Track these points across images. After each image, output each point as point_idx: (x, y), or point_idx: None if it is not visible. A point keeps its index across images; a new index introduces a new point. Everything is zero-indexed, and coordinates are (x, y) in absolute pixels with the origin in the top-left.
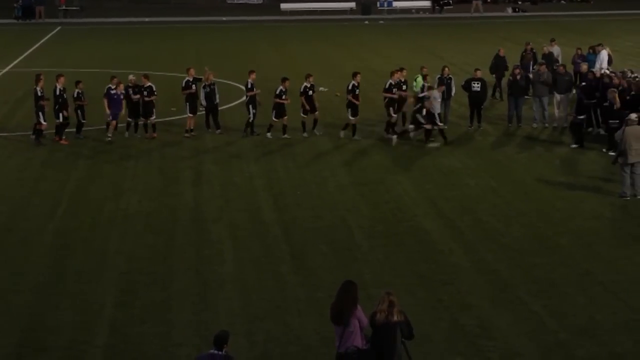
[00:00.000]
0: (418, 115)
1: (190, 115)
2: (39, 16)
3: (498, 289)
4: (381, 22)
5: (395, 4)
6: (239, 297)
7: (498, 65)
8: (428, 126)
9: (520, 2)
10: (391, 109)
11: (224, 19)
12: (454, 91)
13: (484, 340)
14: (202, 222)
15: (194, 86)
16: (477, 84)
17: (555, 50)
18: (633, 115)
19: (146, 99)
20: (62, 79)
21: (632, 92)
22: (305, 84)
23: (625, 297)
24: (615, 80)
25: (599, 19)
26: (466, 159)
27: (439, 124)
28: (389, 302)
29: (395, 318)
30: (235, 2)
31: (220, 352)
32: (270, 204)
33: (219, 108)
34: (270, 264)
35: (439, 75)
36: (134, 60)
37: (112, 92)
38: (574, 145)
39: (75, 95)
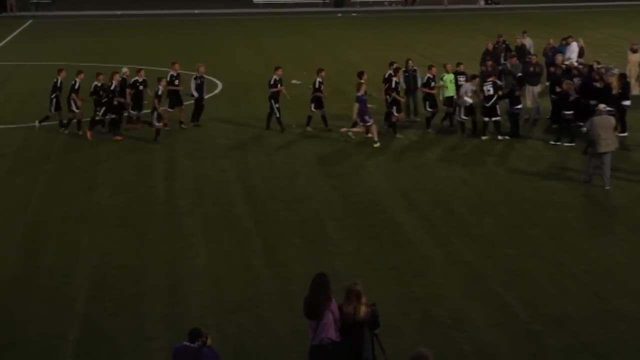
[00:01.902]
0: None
1: (170, 109)
2: (10, 9)
3: (470, 281)
4: (354, 14)
5: None
6: (212, 290)
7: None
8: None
9: None
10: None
11: (196, 11)
12: (420, 83)
13: (456, 332)
14: (175, 216)
15: (177, 81)
16: (463, 77)
17: (528, 42)
18: (602, 106)
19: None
20: (81, 75)
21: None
22: (318, 78)
23: (596, 288)
24: (575, 72)
25: (571, 11)
26: (438, 151)
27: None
28: (356, 297)
29: (362, 316)
30: None
31: (192, 345)
32: (242, 197)
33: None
34: (242, 257)
35: (403, 68)
36: (106, 54)
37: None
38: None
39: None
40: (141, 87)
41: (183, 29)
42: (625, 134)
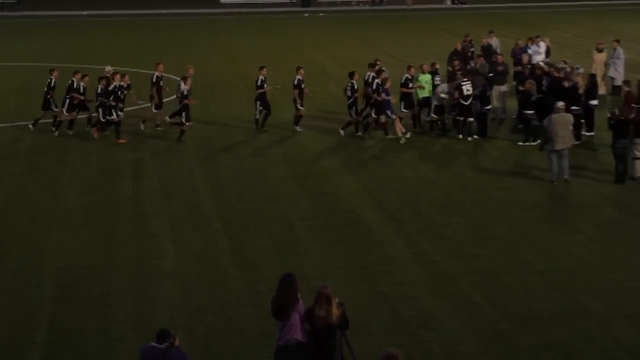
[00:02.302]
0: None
1: (157, 111)
2: None
3: (438, 280)
4: (321, 14)
5: None
6: (180, 291)
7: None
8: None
9: None
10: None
11: (164, 12)
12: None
13: (424, 331)
14: (142, 216)
15: (161, 82)
16: (439, 77)
17: (494, 42)
18: (560, 104)
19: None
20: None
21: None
22: (298, 77)
23: (563, 287)
24: (539, 72)
25: (538, 11)
26: (406, 151)
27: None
28: (326, 301)
29: (334, 320)
30: None
31: (160, 346)
32: (210, 198)
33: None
34: (210, 258)
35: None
36: (74, 54)
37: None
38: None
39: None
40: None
41: (150, 29)
42: (592, 134)
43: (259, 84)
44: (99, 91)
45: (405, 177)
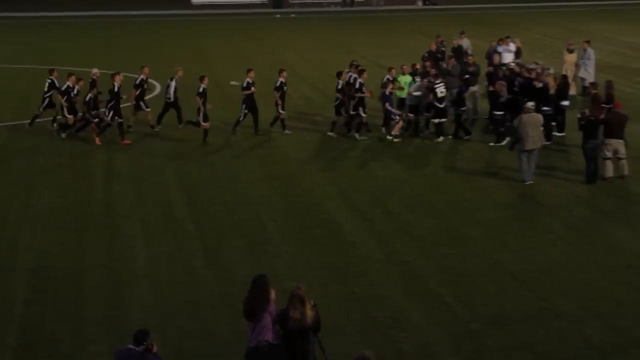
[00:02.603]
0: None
1: (148, 109)
2: None
3: (410, 280)
4: (292, 15)
5: None
6: (152, 292)
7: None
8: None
9: None
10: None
11: (134, 12)
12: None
13: (397, 331)
14: (114, 218)
15: (145, 85)
16: (419, 78)
17: (465, 43)
18: (529, 104)
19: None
20: (118, 77)
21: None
22: (280, 79)
23: (534, 287)
24: (507, 72)
25: (509, 12)
26: (378, 151)
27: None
28: (300, 302)
29: (308, 322)
30: None
31: (137, 348)
32: (182, 200)
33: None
34: (183, 259)
35: (347, 70)
36: (43, 56)
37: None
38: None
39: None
40: (73, 94)
41: (120, 30)
42: (563, 134)
43: (245, 85)
44: (86, 97)
45: (378, 177)
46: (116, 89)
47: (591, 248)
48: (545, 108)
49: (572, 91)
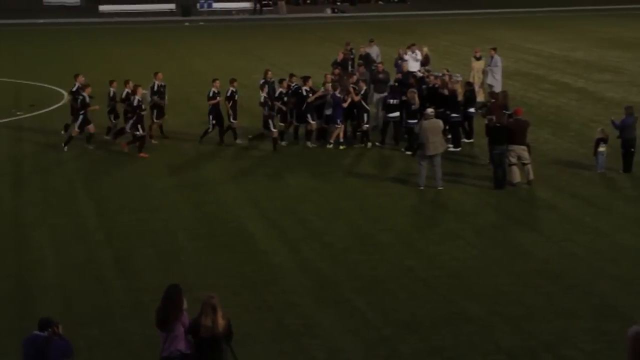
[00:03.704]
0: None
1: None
2: None
3: (321, 287)
4: (201, 23)
5: (215, 5)
6: (62, 303)
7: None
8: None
9: (339, 3)
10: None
11: (41, 21)
12: (277, 93)
13: (309, 339)
14: (22, 228)
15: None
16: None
17: (374, 50)
18: (429, 110)
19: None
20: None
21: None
22: (231, 88)
23: (444, 292)
24: (412, 81)
25: (417, 20)
26: (289, 159)
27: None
28: (212, 310)
29: (220, 330)
30: (52, 3)
31: (42, 334)
32: (92, 209)
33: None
34: (93, 269)
35: (263, 79)
36: None
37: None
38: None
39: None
40: None
41: (26, 38)
42: (472, 140)
43: (211, 95)
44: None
45: (288, 185)
46: (87, 99)
47: (500, 253)
48: (454, 115)
49: (480, 98)
